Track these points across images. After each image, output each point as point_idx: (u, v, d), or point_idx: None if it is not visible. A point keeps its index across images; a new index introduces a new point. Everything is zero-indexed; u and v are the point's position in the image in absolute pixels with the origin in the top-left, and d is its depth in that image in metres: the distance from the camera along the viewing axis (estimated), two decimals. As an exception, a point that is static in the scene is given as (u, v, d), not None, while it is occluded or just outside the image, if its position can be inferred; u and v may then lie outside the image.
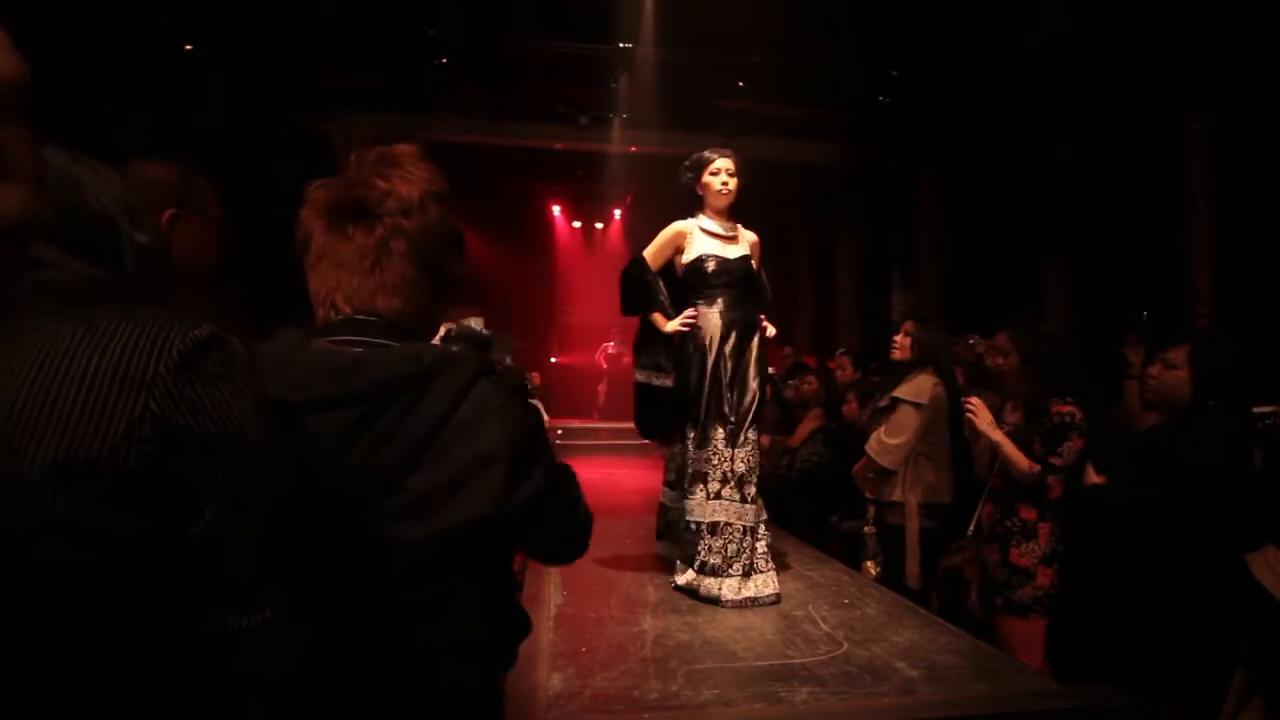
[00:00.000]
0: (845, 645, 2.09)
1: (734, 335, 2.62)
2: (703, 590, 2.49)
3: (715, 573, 2.50)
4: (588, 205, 11.59)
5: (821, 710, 1.71)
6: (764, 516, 2.64)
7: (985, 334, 4.03)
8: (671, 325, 2.65)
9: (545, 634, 2.12)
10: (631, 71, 6.81)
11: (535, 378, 8.96)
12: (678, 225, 2.71)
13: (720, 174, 2.65)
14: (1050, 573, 2.55)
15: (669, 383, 2.67)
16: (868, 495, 3.30)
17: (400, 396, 0.84)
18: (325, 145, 6.37)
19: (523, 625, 1.02)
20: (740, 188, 2.68)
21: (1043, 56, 5.45)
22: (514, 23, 6.23)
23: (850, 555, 3.27)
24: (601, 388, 11.06)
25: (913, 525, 3.13)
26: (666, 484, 2.85)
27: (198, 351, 0.66)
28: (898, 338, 3.29)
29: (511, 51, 6.56)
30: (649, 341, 2.74)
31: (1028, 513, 2.60)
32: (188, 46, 5.69)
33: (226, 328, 0.70)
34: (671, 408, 2.69)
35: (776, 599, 2.49)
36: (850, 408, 3.82)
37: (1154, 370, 2.37)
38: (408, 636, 0.86)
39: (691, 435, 2.63)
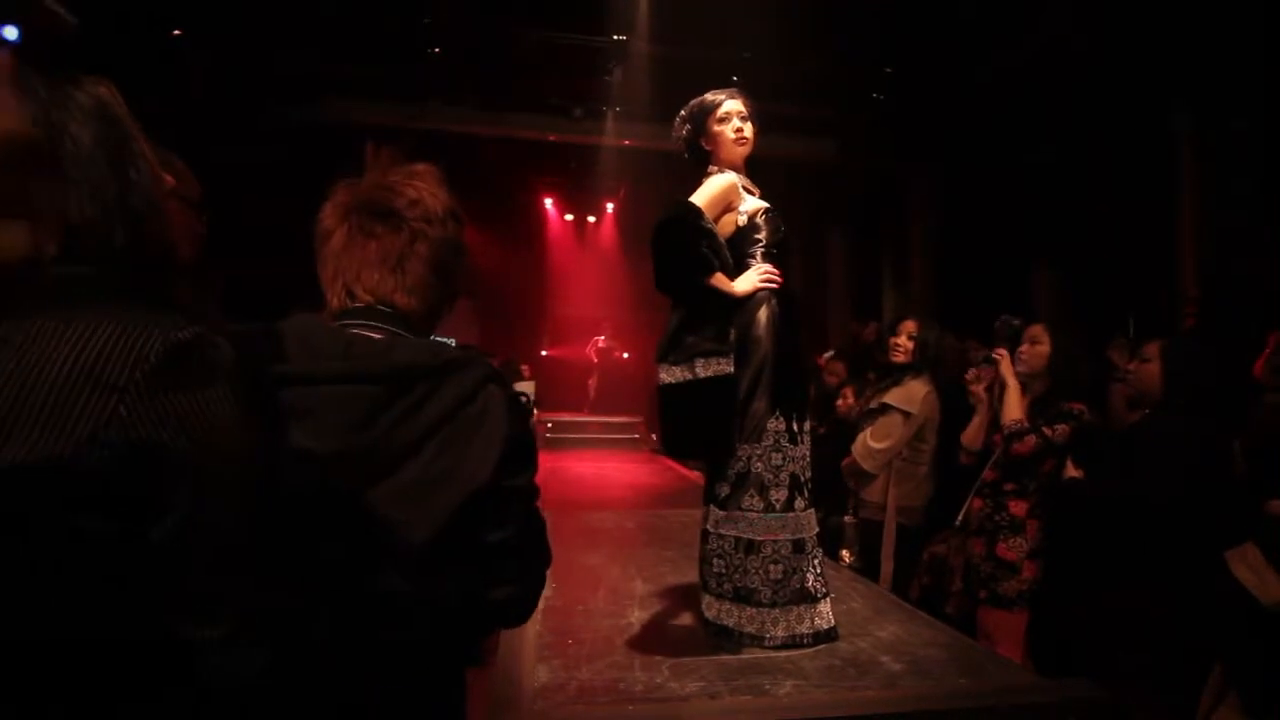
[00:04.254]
0: (830, 639, 2.10)
1: (792, 305, 2.21)
2: (745, 624, 2.04)
3: (759, 602, 2.05)
4: (580, 198, 11.55)
5: (806, 703, 1.73)
6: (816, 529, 2.18)
7: (975, 334, 4.06)
8: (750, 282, 2.13)
9: (532, 626, 2.12)
10: (626, 64, 6.79)
11: (525, 370, 8.96)
12: (727, 176, 2.21)
13: (730, 119, 2.23)
14: (1035, 567, 2.58)
15: (730, 368, 2.05)
16: (851, 486, 3.34)
17: (421, 382, 0.88)
18: (334, 141, 6.31)
19: (488, 623, 1.03)
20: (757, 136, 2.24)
21: (1037, 59, 5.48)
22: (509, 13, 6.20)
23: (829, 545, 3.31)
24: (592, 381, 11.07)
25: (890, 528, 3.16)
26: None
27: (176, 356, 0.64)
28: (899, 340, 3.25)
29: (506, 42, 6.52)
30: (697, 321, 2.09)
31: (1017, 508, 2.63)
32: (176, 31, 5.62)
33: (210, 322, 0.69)
34: (734, 403, 2.08)
35: (834, 634, 2.09)
36: (845, 403, 3.83)
37: (1132, 365, 2.43)
38: (387, 627, 0.86)
39: (749, 431, 2.10)
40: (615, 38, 6.52)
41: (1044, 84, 5.52)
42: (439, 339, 1.04)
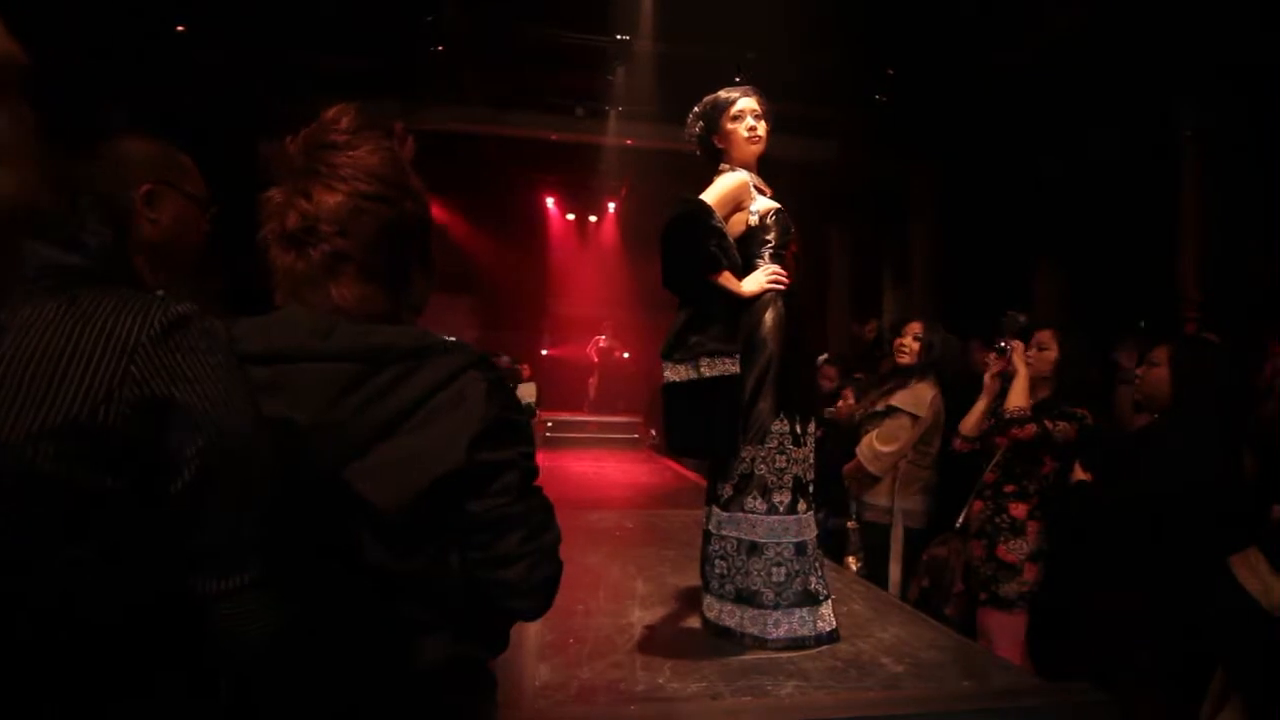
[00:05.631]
0: (831, 640, 2.09)
1: (797, 307, 2.18)
2: (747, 625, 2.05)
3: (761, 603, 2.04)
4: (582, 197, 11.52)
5: (807, 704, 1.72)
6: (816, 531, 2.19)
7: (977, 334, 4.05)
8: (757, 282, 2.11)
9: (533, 625, 2.12)
10: (628, 64, 6.78)
11: (525, 370, 8.96)
12: (739, 174, 2.18)
13: (744, 117, 2.19)
14: (1036, 569, 2.58)
15: (735, 368, 2.05)
16: (854, 492, 3.32)
17: (397, 364, 0.87)
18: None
19: (503, 607, 1.01)
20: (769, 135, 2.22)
21: (1039, 59, 5.47)
22: (512, 11, 6.19)
23: (833, 550, 3.29)
24: (592, 381, 11.05)
25: (897, 532, 3.14)
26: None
27: (179, 324, 0.68)
28: (904, 340, 3.23)
29: (509, 40, 6.51)
30: (703, 320, 2.07)
31: (1017, 510, 2.63)
32: (180, 27, 5.61)
33: (205, 309, 0.71)
34: (738, 404, 2.07)
35: (835, 635, 2.09)
36: (846, 404, 3.80)
37: (1140, 370, 2.43)
38: (389, 612, 0.86)
39: (753, 432, 2.09)
40: (618, 37, 6.51)
41: (1046, 84, 5.52)
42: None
